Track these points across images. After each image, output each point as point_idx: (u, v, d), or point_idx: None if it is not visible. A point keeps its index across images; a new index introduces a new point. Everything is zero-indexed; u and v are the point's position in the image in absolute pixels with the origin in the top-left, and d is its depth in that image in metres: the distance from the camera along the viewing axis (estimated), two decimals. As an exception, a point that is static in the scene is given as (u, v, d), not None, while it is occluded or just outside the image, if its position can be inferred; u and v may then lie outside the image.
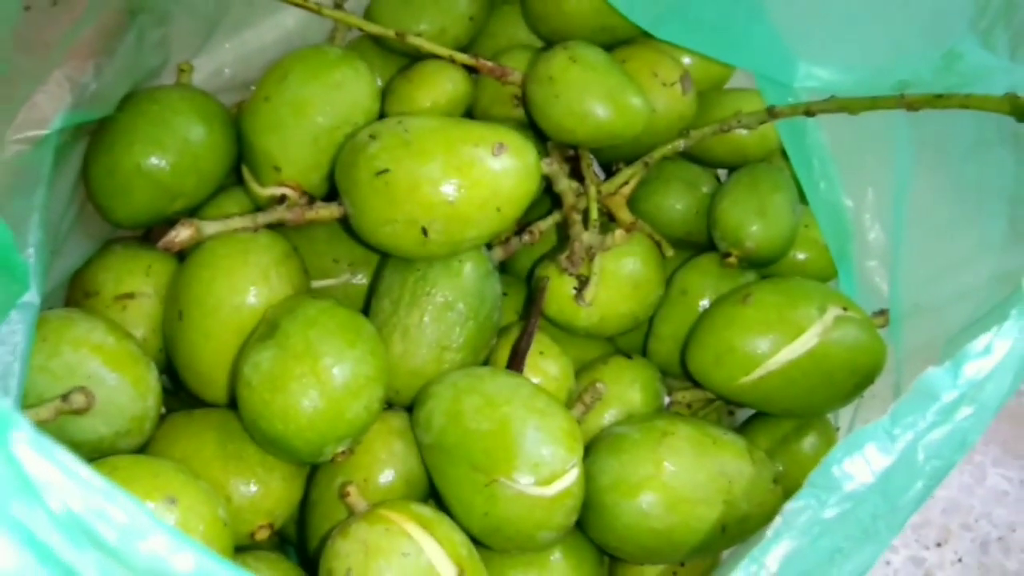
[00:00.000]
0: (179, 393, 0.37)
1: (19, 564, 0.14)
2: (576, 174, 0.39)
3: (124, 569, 0.14)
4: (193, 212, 0.37)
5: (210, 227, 0.31)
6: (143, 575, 0.15)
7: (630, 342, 0.41)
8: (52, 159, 0.31)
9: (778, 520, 0.23)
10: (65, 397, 0.28)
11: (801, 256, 0.41)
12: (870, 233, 0.40)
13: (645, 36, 0.40)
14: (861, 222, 0.40)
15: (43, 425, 0.27)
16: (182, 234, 0.30)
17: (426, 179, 0.31)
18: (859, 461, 0.23)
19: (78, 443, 0.30)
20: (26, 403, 0.28)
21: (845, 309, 0.35)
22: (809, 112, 0.37)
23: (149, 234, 0.37)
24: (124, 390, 0.30)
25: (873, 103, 0.35)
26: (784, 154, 0.42)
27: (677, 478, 0.32)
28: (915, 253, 0.37)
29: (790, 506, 0.23)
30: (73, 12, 0.29)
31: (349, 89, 0.34)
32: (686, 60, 0.42)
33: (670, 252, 0.41)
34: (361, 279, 0.38)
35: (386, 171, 0.31)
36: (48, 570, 0.14)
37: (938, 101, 0.33)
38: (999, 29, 0.32)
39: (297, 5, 0.35)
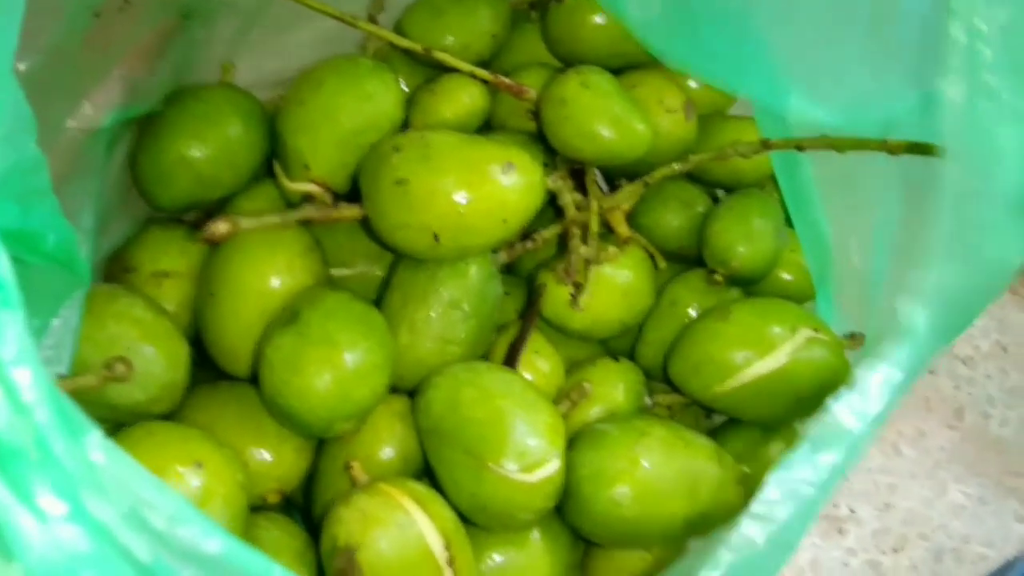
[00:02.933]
0: (204, 364, 0.40)
1: (91, 547, 0.17)
2: (580, 187, 0.42)
3: (168, 550, 0.18)
4: (227, 200, 0.40)
5: (246, 222, 0.35)
6: (182, 554, 0.18)
7: (621, 345, 0.45)
8: (105, 150, 0.34)
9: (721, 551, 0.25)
10: (109, 366, 0.31)
11: (787, 277, 0.44)
12: (853, 259, 0.43)
13: (654, 62, 0.43)
14: (845, 249, 0.43)
15: (89, 390, 0.31)
16: (221, 228, 0.33)
17: (440, 191, 0.34)
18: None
19: (116, 406, 0.33)
20: (72, 371, 0.31)
21: (816, 331, 0.38)
22: (800, 147, 0.39)
23: (197, 225, 0.40)
24: (158, 361, 0.34)
25: (859, 144, 0.37)
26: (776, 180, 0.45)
27: (648, 474, 0.35)
28: (892, 281, 0.40)
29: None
30: (135, 18, 0.33)
31: (378, 100, 0.37)
32: (692, 84, 0.45)
33: (663, 265, 0.44)
34: (375, 271, 0.41)
35: (405, 181, 0.34)
36: (111, 550, 0.17)
37: (916, 148, 0.35)
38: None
39: (334, 17, 0.38)
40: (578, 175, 0.43)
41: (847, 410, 0.26)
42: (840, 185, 0.41)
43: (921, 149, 0.35)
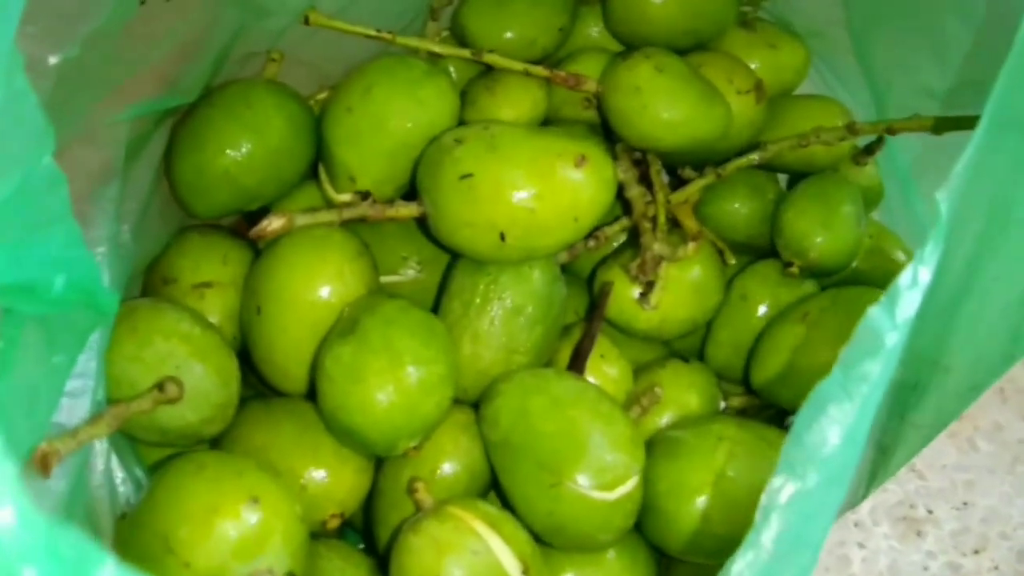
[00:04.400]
0: (249, 378, 0.38)
1: None
2: (644, 179, 0.39)
3: None
4: (267, 210, 0.37)
5: (300, 219, 0.32)
6: None
7: (686, 345, 0.42)
8: (140, 146, 0.32)
9: (763, 500, 0.23)
10: (161, 387, 0.29)
11: (866, 265, 0.41)
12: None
13: (720, 42, 0.40)
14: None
15: (141, 415, 0.28)
16: (274, 224, 0.31)
17: (509, 185, 0.31)
18: (824, 423, 0.23)
19: (166, 429, 0.31)
20: (119, 392, 0.29)
21: None
22: (891, 131, 0.36)
23: (237, 226, 0.37)
24: (209, 379, 0.31)
25: (955, 123, 0.35)
26: (853, 161, 0.42)
27: (733, 483, 0.33)
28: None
29: (772, 484, 0.23)
30: (183, 8, 0.30)
31: (431, 107, 0.35)
32: (755, 65, 0.42)
33: (732, 260, 0.41)
34: (427, 276, 0.39)
35: (470, 175, 0.32)
36: None
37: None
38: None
39: (370, 37, 0.36)
40: (640, 165, 0.40)
41: (880, 317, 0.22)
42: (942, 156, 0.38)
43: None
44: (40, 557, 0.14)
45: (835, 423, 0.22)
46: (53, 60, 0.24)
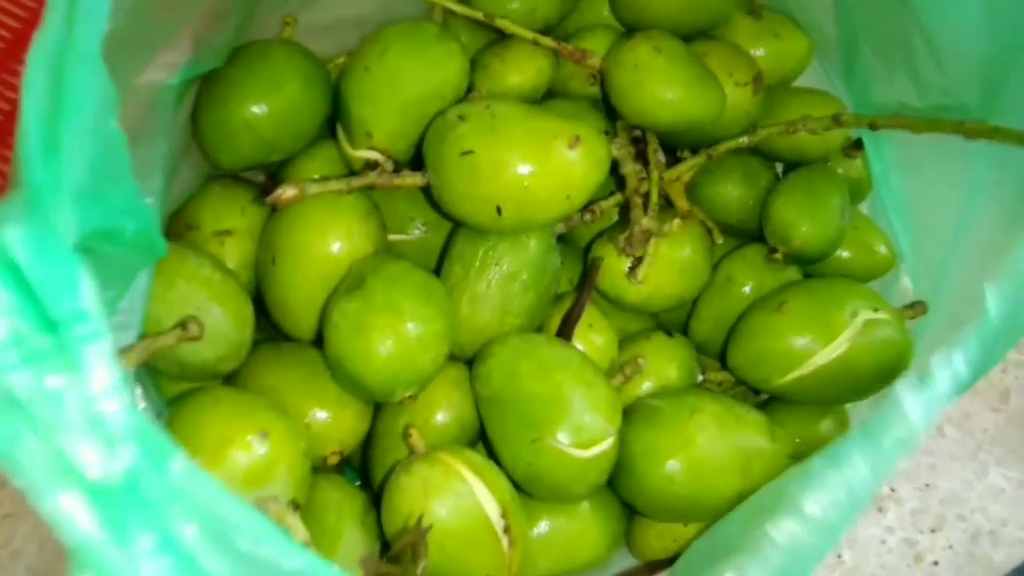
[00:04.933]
0: (262, 322, 0.41)
1: (170, 568, 0.18)
2: (641, 156, 0.42)
3: (251, 569, 0.18)
4: (286, 163, 0.40)
5: (312, 188, 0.35)
6: (265, 571, 0.19)
7: (672, 318, 0.44)
8: (173, 108, 0.34)
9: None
10: (184, 326, 0.32)
11: (846, 255, 0.43)
12: (934, 229, 0.41)
13: (722, 31, 0.41)
14: (928, 218, 0.41)
15: (165, 350, 0.31)
16: (288, 192, 0.33)
17: (507, 163, 0.34)
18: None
19: (186, 364, 0.34)
20: (146, 329, 0.32)
21: (876, 310, 0.37)
22: (873, 126, 0.38)
23: (264, 190, 0.40)
24: (226, 321, 0.34)
25: (934, 125, 0.36)
26: (843, 153, 0.44)
27: (702, 451, 0.36)
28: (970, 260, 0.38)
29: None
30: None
31: (443, 67, 0.37)
32: (759, 52, 0.44)
33: (720, 240, 0.43)
34: (433, 237, 0.41)
35: (471, 152, 0.34)
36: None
37: (995, 134, 0.34)
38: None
39: None
40: (638, 143, 0.42)
41: (912, 400, 0.25)
42: (931, 156, 0.40)
43: (1005, 136, 0.34)
44: (138, 440, 0.18)
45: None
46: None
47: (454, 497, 0.32)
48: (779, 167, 0.47)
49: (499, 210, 0.34)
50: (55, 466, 0.18)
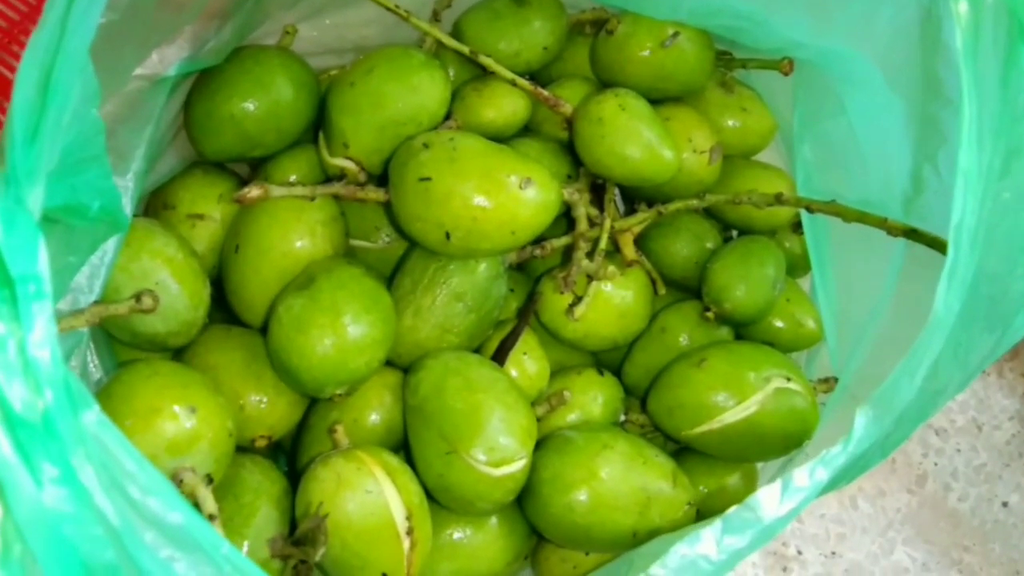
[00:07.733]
0: (219, 306, 0.43)
1: (73, 507, 0.21)
2: (598, 202, 0.44)
3: (138, 515, 0.21)
4: (268, 159, 0.43)
5: (276, 191, 0.37)
6: (149, 521, 0.21)
7: (611, 359, 0.47)
8: (164, 98, 0.37)
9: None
10: (138, 298, 0.34)
11: (779, 324, 0.45)
12: (852, 312, 0.44)
13: (690, 100, 0.44)
14: (850, 300, 0.44)
15: (117, 318, 0.34)
16: (253, 192, 0.36)
17: (458, 194, 0.36)
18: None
19: (137, 333, 0.36)
20: (106, 296, 0.35)
21: (788, 380, 0.40)
22: (809, 208, 0.41)
23: (242, 184, 0.43)
24: (182, 298, 0.36)
25: (862, 217, 0.39)
26: (792, 229, 0.47)
27: (605, 485, 0.38)
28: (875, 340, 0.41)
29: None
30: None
31: (423, 94, 0.40)
32: (727, 124, 0.47)
33: (662, 291, 0.46)
34: (394, 249, 0.44)
35: (428, 179, 0.37)
36: (89, 511, 0.21)
37: (912, 235, 0.37)
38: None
39: (388, 9, 0.41)
40: (598, 191, 0.45)
41: (769, 503, 0.28)
42: (857, 243, 0.42)
43: (920, 238, 0.37)
44: (62, 387, 0.21)
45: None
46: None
47: (363, 493, 0.34)
48: (735, 233, 0.50)
49: (448, 235, 0.37)
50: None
